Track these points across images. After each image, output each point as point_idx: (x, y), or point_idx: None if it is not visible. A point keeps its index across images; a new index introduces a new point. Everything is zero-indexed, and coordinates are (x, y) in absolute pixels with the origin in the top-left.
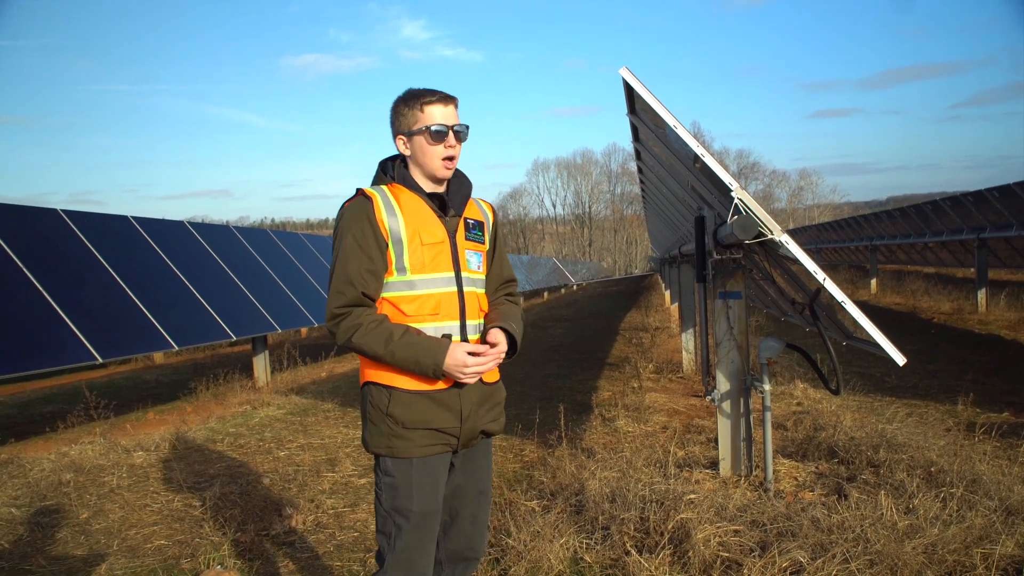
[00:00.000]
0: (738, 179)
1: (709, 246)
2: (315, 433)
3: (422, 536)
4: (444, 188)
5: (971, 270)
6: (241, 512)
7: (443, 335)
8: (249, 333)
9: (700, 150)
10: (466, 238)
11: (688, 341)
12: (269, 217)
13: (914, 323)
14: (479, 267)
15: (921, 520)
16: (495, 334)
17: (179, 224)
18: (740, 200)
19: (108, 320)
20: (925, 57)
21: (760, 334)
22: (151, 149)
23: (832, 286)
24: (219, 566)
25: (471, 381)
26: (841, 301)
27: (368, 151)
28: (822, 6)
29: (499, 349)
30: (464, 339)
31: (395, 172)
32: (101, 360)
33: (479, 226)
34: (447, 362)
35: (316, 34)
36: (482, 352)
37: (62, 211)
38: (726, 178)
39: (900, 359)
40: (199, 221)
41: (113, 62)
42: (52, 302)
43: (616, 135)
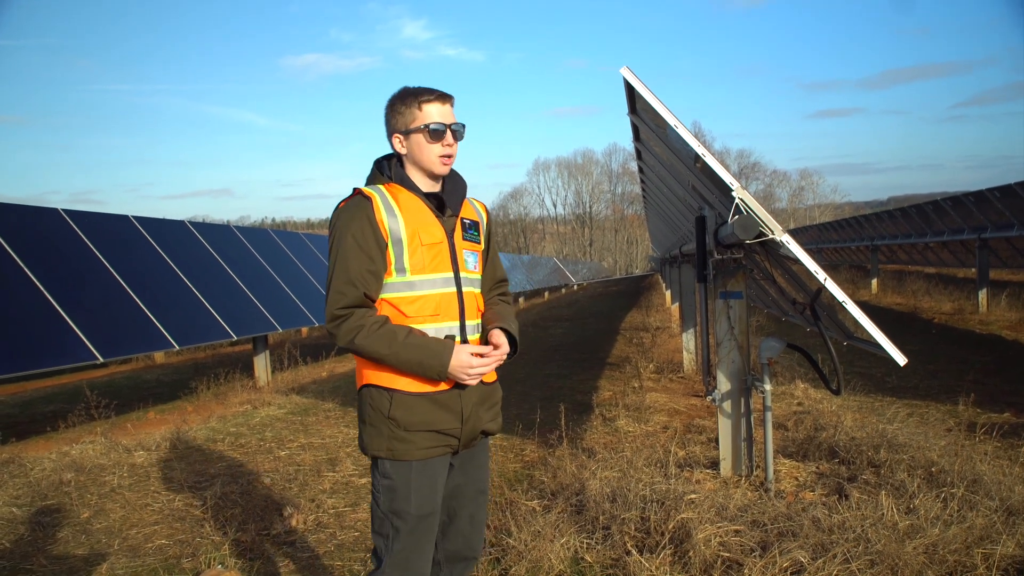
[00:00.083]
0: (739, 179)
1: (710, 246)
2: (316, 433)
3: (420, 538)
4: (440, 187)
5: (972, 270)
6: (242, 512)
7: (446, 336)
8: (250, 333)
9: (701, 150)
10: (463, 238)
11: (689, 341)
12: (270, 217)
13: (915, 323)
14: (476, 267)
15: (922, 520)
16: (497, 335)
17: (180, 224)
18: (741, 200)
19: (109, 320)
20: (926, 57)
21: (761, 334)
22: (152, 149)
23: (833, 286)
24: (220, 565)
25: (473, 383)
26: (842, 301)
27: (369, 151)
28: (822, 6)
29: (502, 351)
30: (464, 339)
31: (392, 172)
32: (102, 360)
33: (475, 226)
34: (452, 364)
35: (317, 34)
36: (485, 354)
37: (63, 210)
38: (727, 178)
39: (901, 359)
40: (200, 221)
41: (113, 62)
42: (53, 302)
43: (617, 135)
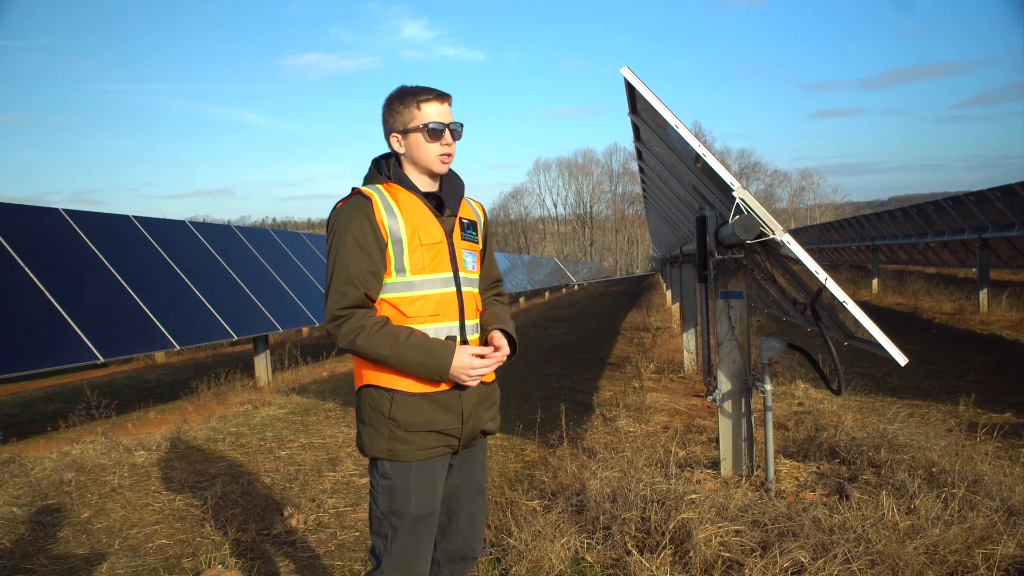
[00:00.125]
0: (739, 179)
1: (711, 246)
2: (316, 432)
3: (419, 538)
4: (438, 187)
5: (973, 270)
6: (242, 511)
7: (447, 337)
8: (250, 333)
9: (701, 150)
10: (462, 238)
11: (689, 341)
12: (270, 217)
13: (916, 323)
14: (474, 267)
15: (922, 520)
16: (498, 337)
17: (180, 223)
18: (742, 200)
19: (109, 320)
20: (926, 57)
21: (761, 334)
22: (152, 149)
23: (834, 286)
24: (220, 565)
25: (474, 384)
26: (843, 301)
27: (369, 151)
28: (823, 6)
29: (502, 352)
30: (464, 339)
31: (391, 171)
32: (102, 359)
33: (473, 226)
34: (454, 365)
35: (317, 34)
36: (486, 355)
37: (63, 210)
38: (728, 178)
39: (902, 359)
40: (200, 220)
41: (114, 62)
42: (54, 301)
43: (617, 135)
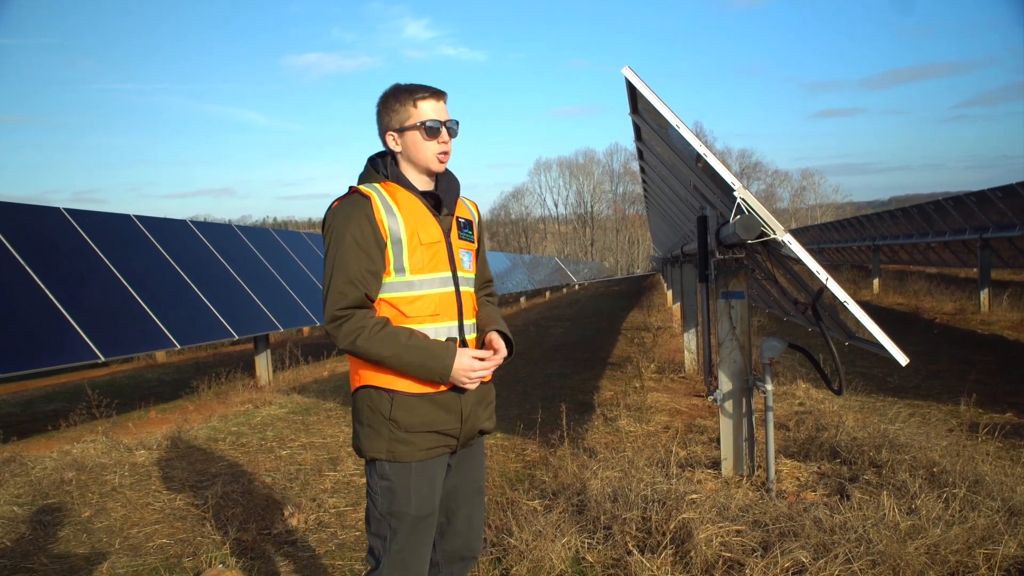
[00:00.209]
0: (740, 179)
1: (711, 246)
2: (317, 432)
3: (419, 538)
4: (434, 186)
5: (974, 270)
6: (243, 511)
7: (448, 339)
8: (251, 332)
9: (702, 150)
10: (459, 237)
11: (690, 341)
12: (271, 216)
13: (916, 323)
14: (471, 266)
15: (923, 520)
16: (496, 339)
17: (181, 223)
18: (743, 200)
19: (110, 319)
20: (927, 57)
21: (762, 334)
22: (153, 148)
23: (835, 286)
24: (221, 565)
25: (473, 387)
26: (844, 301)
27: (371, 150)
28: (823, 6)
29: (501, 355)
30: (462, 339)
31: (388, 170)
32: (103, 359)
33: (469, 225)
34: (455, 367)
35: (319, 33)
36: (486, 358)
37: (64, 210)
38: (728, 178)
39: (903, 359)
40: (201, 220)
41: (114, 61)
42: (55, 301)
43: (618, 135)
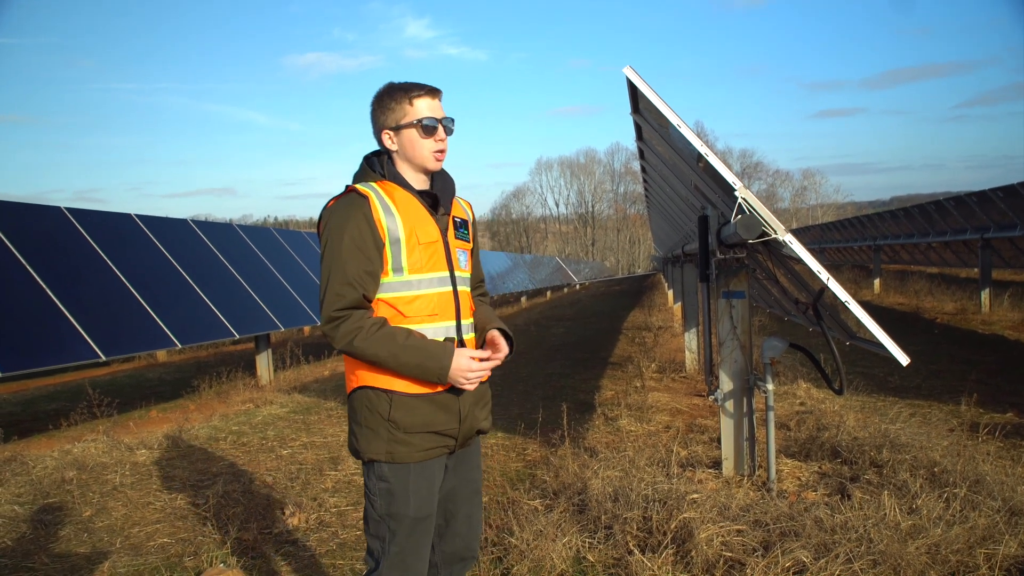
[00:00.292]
0: (741, 179)
1: (713, 245)
2: (318, 431)
3: (418, 540)
4: (430, 185)
5: (975, 270)
6: (244, 510)
7: (446, 339)
8: (252, 331)
9: (704, 149)
10: (455, 236)
11: (691, 340)
12: (272, 215)
13: (917, 323)
14: (467, 265)
15: (924, 520)
16: (497, 336)
17: (182, 222)
18: (744, 199)
19: (111, 318)
20: (928, 57)
21: (763, 334)
22: (153, 148)
23: (836, 286)
24: (222, 564)
25: (472, 387)
26: (845, 301)
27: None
28: (824, 6)
29: (502, 353)
30: (460, 339)
31: (384, 169)
32: (104, 358)
33: (465, 224)
34: (452, 367)
35: (319, 33)
36: (484, 358)
37: (66, 209)
38: (730, 177)
39: (904, 359)
40: (202, 219)
41: (115, 61)
42: (56, 300)
43: (619, 134)
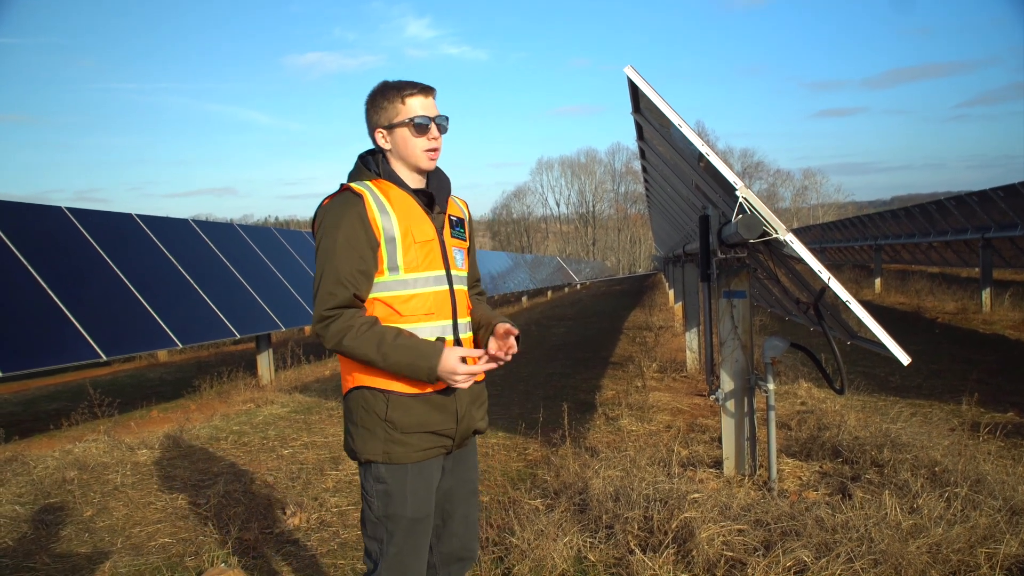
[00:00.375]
0: (742, 178)
1: (713, 245)
2: (319, 431)
3: (416, 540)
4: (426, 184)
5: (975, 270)
6: (245, 510)
7: (437, 338)
8: (253, 331)
9: (704, 149)
10: (451, 235)
11: (692, 340)
12: (273, 215)
13: (918, 323)
14: (463, 264)
15: (925, 520)
16: (512, 331)
17: (183, 222)
18: (745, 199)
19: (112, 318)
20: (929, 57)
21: (764, 333)
22: (154, 147)
23: (837, 285)
24: (223, 564)
25: (465, 386)
26: (846, 300)
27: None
28: (824, 6)
29: (510, 347)
30: (456, 338)
31: (379, 167)
32: (105, 358)
33: (461, 223)
34: (440, 367)
35: (320, 33)
36: (476, 357)
37: (66, 209)
38: (731, 177)
39: (904, 359)
40: (203, 219)
41: (115, 60)
42: (56, 300)
43: (620, 134)
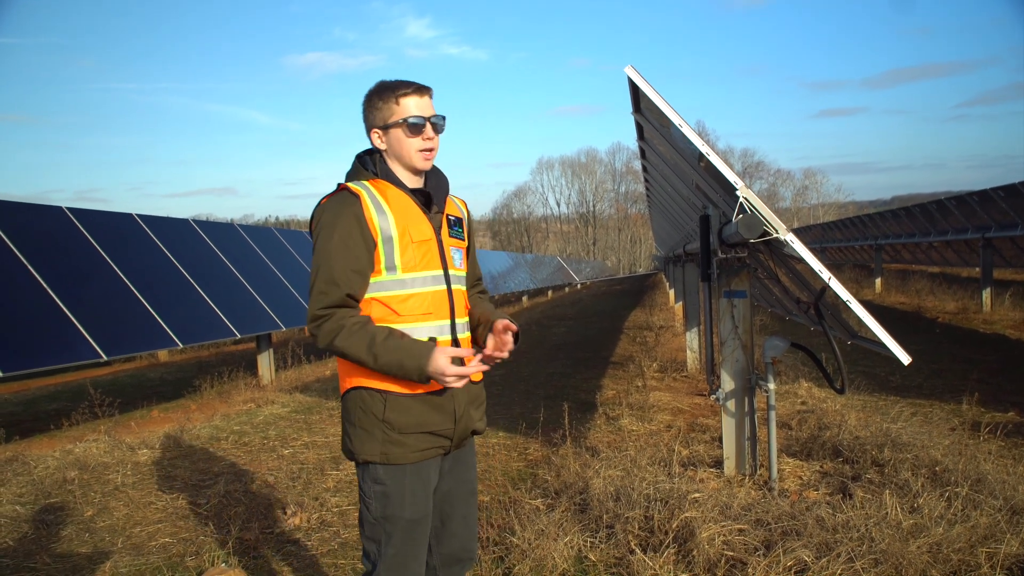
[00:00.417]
0: (743, 178)
1: (714, 245)
2: (319, 431)
3: (415, 541)
4: (423, 183)
5: (976, 269)
6: (245, 510)
7: (429, 338)
8: (254, 331)
9: (705, 149)
10: (449, 235)
11: (692, 340)
12: (274, 215)
13: (919, 322)
14: (461, 264)
15: (926, 519)
16: (511, 327)
17: (183, 222)
18: (745, 199)
19: (113, 318)
20: (929, 57)
21: (765, 333)
22: (154, 147)
23: (837, 285)
24: (223, 564)
25: (459, 385)
26: (846, 300)
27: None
28: (825, 5)
29: (507, 344)
30: (454, 337)
31: (377, 167)
32: (106, 358)
33: (459, 222)
34: (431, 366)
35: (320, 33)
36: (465, 357)
37: (67, 209)
38: (731, 177)
39: (905, 358)
40: (204, 219)
41: (115, 60)
42: (57, 300)
43: (621, 134)
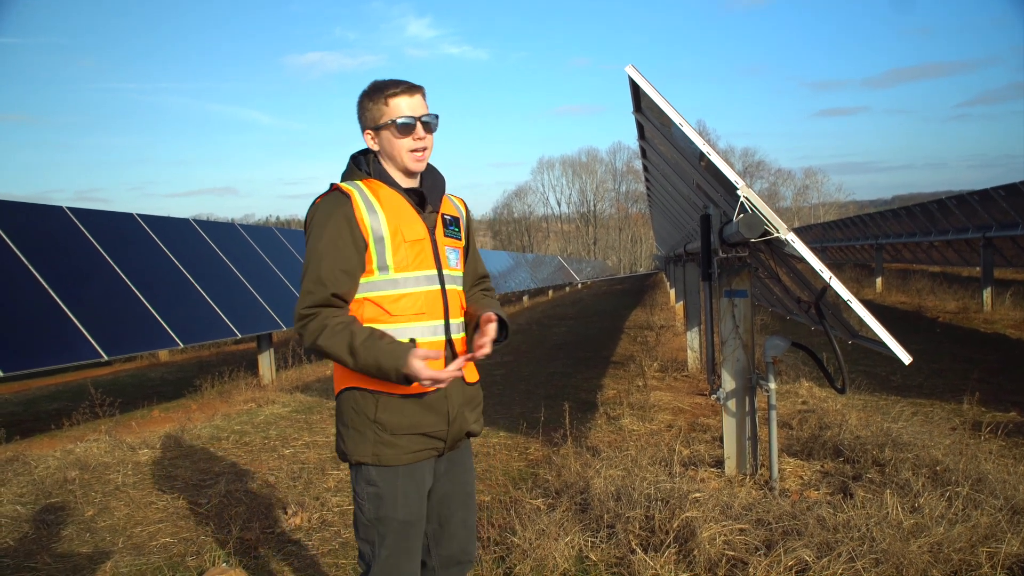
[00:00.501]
0: (743, 177)
1: (715, 244)
2: (320, 431)
3: (409, 543)
4: (418, 183)
5: (976, 269)
6: (246, 510)
7: (410, 339)
8: (254, 331)
9: (706, 148)
10: (444, 235)
11: (693, 339)
12: (274, 215)
13: (919, 322)
14: (458, 264)
15: (926, 519)
16: (492, 318)
17: (184, 221)
18: (746, 198)
19: (113, 318)
20: (930, 56)
21: (765, 333)
22: (155, 147)
23: (838, 284)
24: (224, 564)
25: (442, 385)
26: (847, 300)
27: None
28: (825, 5)
29: (488, 339)
30: (448, 338)
31: (370, 167)
32: (106, 358)
33: (456, 222)
34: (407, 368)
35: (320, 32)
36: (431, 357)
37: (67, 208)
38: (732, 176)
39: (906, 358)
40: (204, 219)
41: (116, 60)
42: (58, 300)
43: (621, 133)
